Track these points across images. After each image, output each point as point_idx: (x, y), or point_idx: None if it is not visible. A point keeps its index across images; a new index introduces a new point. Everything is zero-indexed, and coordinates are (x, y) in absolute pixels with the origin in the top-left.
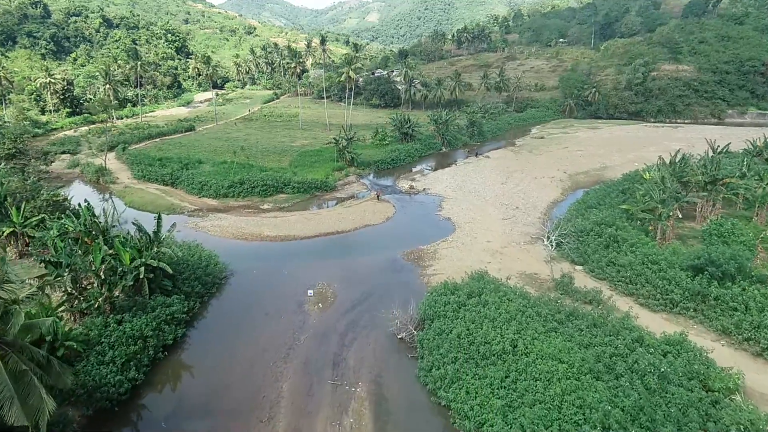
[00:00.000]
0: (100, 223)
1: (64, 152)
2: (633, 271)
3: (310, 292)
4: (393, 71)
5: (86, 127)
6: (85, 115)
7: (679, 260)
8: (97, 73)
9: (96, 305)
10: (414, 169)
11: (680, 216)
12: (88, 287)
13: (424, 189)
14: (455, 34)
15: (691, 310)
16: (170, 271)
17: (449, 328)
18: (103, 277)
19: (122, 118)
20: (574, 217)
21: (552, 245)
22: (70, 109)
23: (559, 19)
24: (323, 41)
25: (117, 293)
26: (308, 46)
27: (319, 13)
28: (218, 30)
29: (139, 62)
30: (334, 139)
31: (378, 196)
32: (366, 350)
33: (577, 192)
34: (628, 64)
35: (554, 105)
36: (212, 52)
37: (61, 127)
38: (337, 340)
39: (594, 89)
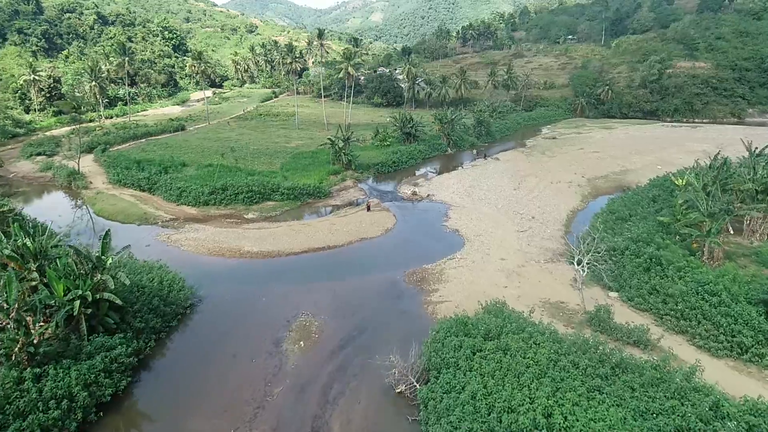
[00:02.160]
0: (36, 242)
1: (39, 154)
2: (685, 303)
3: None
4: (396, 69)
5: (69, 128)
6: (72, 114)
7: (744, 291)
8: (83, 71)
9: (10, 355)
10: (417, 173)
11: (731, 231)
12: (6, 327)
13: (428, 195)
14: (460, 32)
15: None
16: (119, 302)
17: (461, 384)
18: (17, 317)
19: (111, 117)
20: (602, 231)
21: (584, 270)
22: (57, 108)
23: (567, 16)
24: (320, 35)
25: (37, 338)
26: (309, 44)
27: (322, 13)
28: (219, 28)
29: (127, 58)
30: (329, 139)
31: (369, 207)
32: (355, 410)
33: (599, 199)
34: (641, 62)
35: (565, 104)
36: (213, 50)
37: (46, 127)
38: (319, 396)
39: (607, 87)
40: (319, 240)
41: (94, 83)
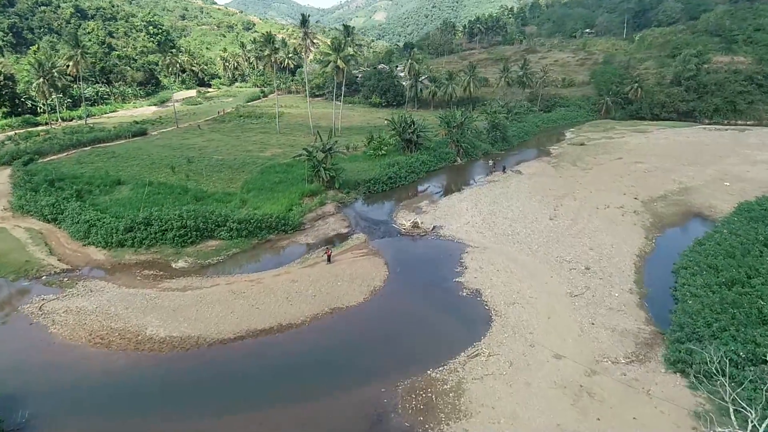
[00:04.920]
0: None
1: None
2: None
3: None
4: (397, 66)
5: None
6: (27, 116)
7: None
8: (29, 66)
9: None
10: (420, 190)
11: None
12: None
13: (434, 228)
14: (467, 26)
15: None
16: None
17: None
18: None
19: (72, 119)
20: (713, 315)
21: None
22: (9, 109)
23: (582, 9)
24: (304, 23)
25: None
26: (303, 39)
27: (325, 12)
28: (216, 26)
29: (80, 50)
30: (305, 150)
31: (329, 258)
32: None
33: (667, 233)
34: (671, 56)
35: (587, 103)
36: (207, 48)
37: None
38: None
39: (636, 85)
40: (267, 313)
41: (41, 80)
